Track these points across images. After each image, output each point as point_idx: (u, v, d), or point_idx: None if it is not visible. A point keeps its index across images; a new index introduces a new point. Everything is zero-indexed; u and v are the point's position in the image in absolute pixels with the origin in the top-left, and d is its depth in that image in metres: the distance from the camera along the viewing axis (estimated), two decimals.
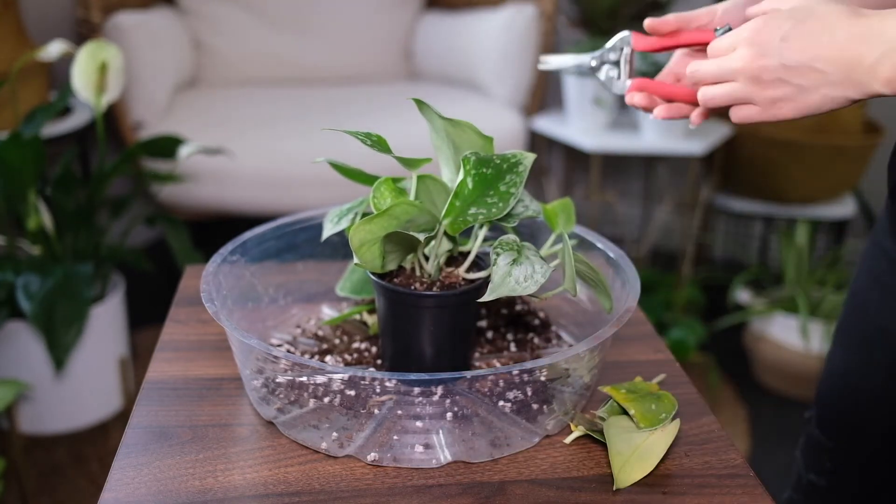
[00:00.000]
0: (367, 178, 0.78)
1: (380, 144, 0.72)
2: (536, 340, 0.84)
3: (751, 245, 2.70)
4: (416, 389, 0.65)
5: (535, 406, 0.70)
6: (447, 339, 0.73)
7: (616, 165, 2.81)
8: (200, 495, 0.63)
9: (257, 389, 0.72)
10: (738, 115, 0.68)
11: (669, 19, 0.76)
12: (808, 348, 2.00)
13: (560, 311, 0.88)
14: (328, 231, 0.79)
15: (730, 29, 0.72)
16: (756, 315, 2.09)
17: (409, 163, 0.73)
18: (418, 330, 0.72)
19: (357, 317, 0.86)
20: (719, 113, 0.74)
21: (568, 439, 0.70)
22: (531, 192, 2.72)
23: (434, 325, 0.72)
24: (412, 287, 0.72)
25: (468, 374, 0.63)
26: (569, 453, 0.69)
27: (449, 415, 0.66)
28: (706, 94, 0.69)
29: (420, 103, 0.71)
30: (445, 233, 0.71)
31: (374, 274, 0.72)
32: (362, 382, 0.66)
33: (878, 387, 0.79)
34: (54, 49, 1.67)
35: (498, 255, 0.67)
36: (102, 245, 1.84)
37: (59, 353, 1.62)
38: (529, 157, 0.73)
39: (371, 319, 0.84)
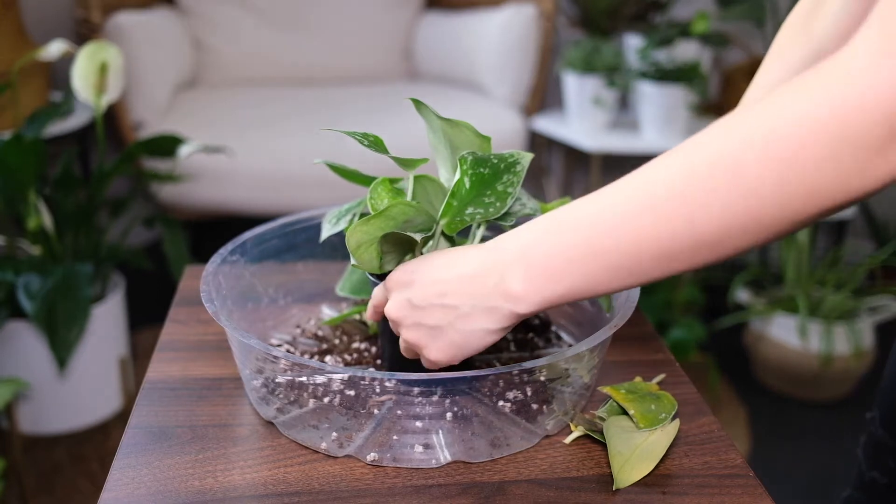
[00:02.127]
0: (364, 179, 0.78)
1: (377, 145, 0.72)
2: (536, 340, 0.84)
3: None
4: (416, 389, 0.65)
5: (534, 406, 0.70)
6: None
7: (616, 165, 2.81)
8: (200, 495, 0.63)
9: (257, 389, 0.72)
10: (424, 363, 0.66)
11: None
12: (807, 348, 1.99)
13: (560, 311, 0.88)
14: (326, 232, 0.79)
15: None
16: (756, 315, 2.09)
17: (405, 163, 0.73)
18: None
19: (357, 317, 0.86)
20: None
21: (568, 439, 0.70)
22: (530, 192, 2.72)
23: None
24: None
25: (468, 374, 0.63)
26: (569, 453, 0.69)
27: (449, 415, 0.66)
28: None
29: (418, 103, 0.71)
30: (443, 233, 0.71)
31: (372, 274, 0.72)
32: (362, 382, 0.66)
33: None
34: (54, 49, 1.67)
35: None
36: (102, 245, 1.84)
37: (62, 352, 1.62)
38: (527, 157, 0.73)
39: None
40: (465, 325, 0.60)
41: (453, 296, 0.60)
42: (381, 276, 0.72)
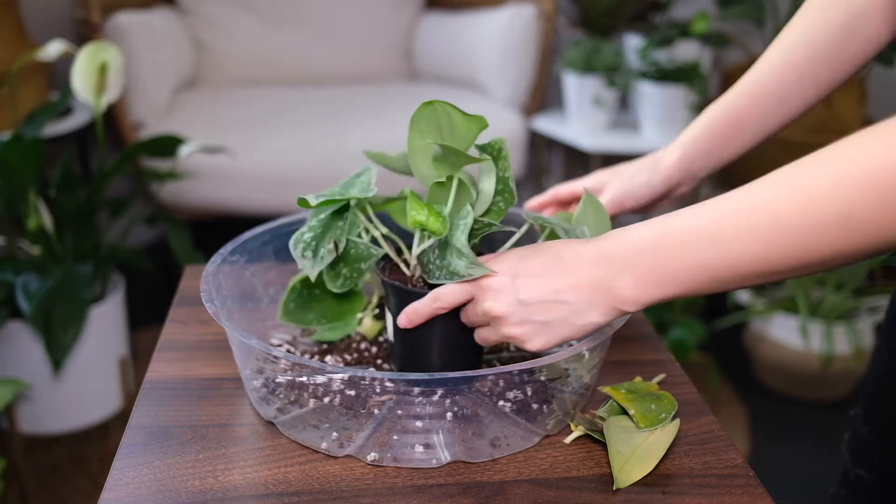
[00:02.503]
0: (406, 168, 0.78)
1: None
2: None
3: None
4: (416, 389, 0.65)
5: (535, 406, 0.70)
6: (463, 336, 0.72)
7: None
8: (200, 495, 0.63)
9: (257, 389, 0.72)
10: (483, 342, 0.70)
11: (546, 198, 0.91)
12: (807, 348, 1.99)
13: None
14: (314, 267, 0.73)
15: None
16: (756, 315, 2.09)
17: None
18: (432, 330, 0.72)
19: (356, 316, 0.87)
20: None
21: (568, 439, 0.70)
22: (531, 192, 2.72)
23: (450, 323, 0.71)
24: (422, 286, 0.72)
25: (468, 374, 0.63)
26: (569, 453, 0.69)
27: (449, 415, 0.66)
28: (479, 336, 0.70)
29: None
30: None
31: (387, 277, 0.73)
32: (362, 382, 0.66)
33: None
34: (53, 49, 1.67)
35: None
36: (102, 245, 1.84)
37: (58, 353, 1.62)
38: (502, 140, 0.74)
39: (369, 325, 0.84)
40: (578, 319, 0.63)
41: (568, 293, 0.62)
42: (410, 292, 0.71)
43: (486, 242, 0.78)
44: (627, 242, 0.60)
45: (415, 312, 0.69)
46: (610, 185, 0.89)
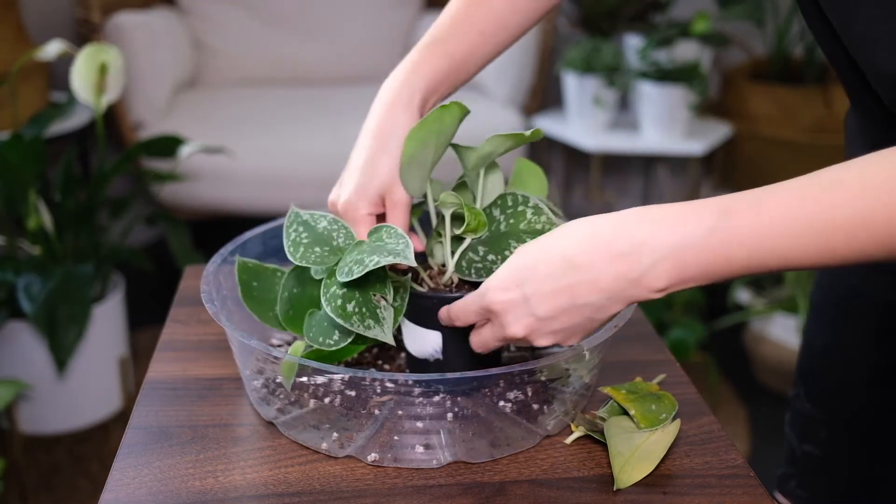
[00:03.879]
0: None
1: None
2: None
3: None
4: (417, 390, 0.65)
5: (535, 406, 0.70)
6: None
7: (616, 165, 2.81)
8: (200, 495, 0.63)
9: (257, 390, 0.72)
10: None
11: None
12: None
13: None
14: (389, 332, 0.69)
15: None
16: (756, 315, 2.09)
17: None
18: (449, 330, 0.70)
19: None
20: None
21: (568, 439, 0.70)
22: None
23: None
24: (442, 291, 0.71)
25: (469, 374, 0.63)
26: (569, 453, 0.69)
27: (449, 415, 0.66)
28: (486, 347, 0.66)
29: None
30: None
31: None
32: (363, 383, 0.66)
33: (858, 358, 0.79)
34: (53, 49, 1.67)
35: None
36: (102, 245, 1.84)
37: (61, 354, 1.62)
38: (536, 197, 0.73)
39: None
40: (600, 315, 0.60)
41: (587, 295, 0.58)
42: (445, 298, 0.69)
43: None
44: (668, 230, 0.55)
45: (477, 345, 0.67)
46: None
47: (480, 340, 0.66)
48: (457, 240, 0.72)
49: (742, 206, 0.54)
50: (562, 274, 0.59)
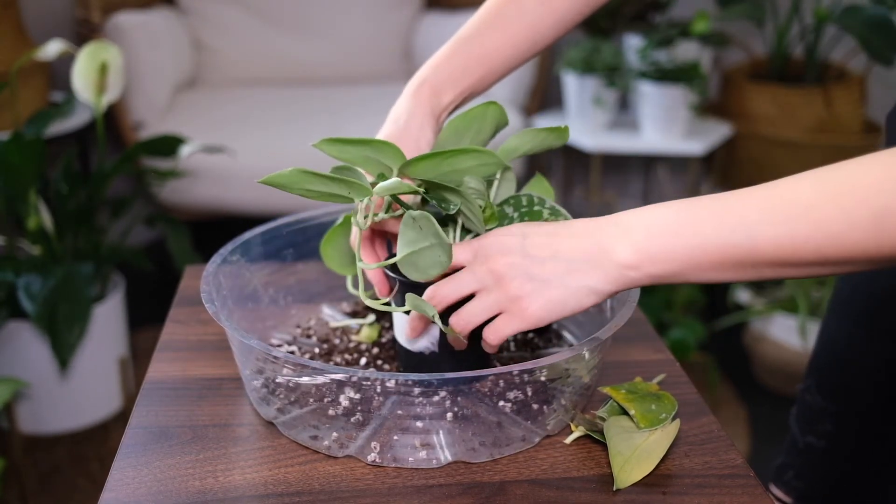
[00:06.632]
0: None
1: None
2: (537, 340, 0.84)
3: None
4: (417, 390, 0.65)
5: (535, 406, 0.70)
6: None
7: (616, 165, 2.81)
8: (200, 495, 0.63)
9: (257, 390, 0.72)
10: (492, 334, 0.65)
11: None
12: (807, 348, 1.99)
13: None
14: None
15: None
16: (756, 315, 2.09)
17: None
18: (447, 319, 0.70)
19: (355, 323, 0.87)
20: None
21: (568, 439, 0.70)
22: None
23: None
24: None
25: (468, 374, 0.63)
26: (569, 453, 0.69)
27: (449, 415, 0.66)
28: (462, 319, 0.65)
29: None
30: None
31: (395, 272, 0.72)
32: (363, 383, 0.66)
33: (877, 352, 0.80)
34: (52, 49, 1.67)
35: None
36: (103, 245, 1.84)
37: (64, 353, 1.62)
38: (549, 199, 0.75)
39: (367, 332, 0.83)
40: (572, 280, 0.61)
41: (569, 251, 0.62)
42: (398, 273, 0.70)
43: None
44: (643, 210, 0.60)
45: (444, 297, 0.66)
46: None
47: (494, 329, 0.65)
48: (465, 231, 0.73)
49: (712, 195, 0.59)
50: (559, 229, 0.63)
